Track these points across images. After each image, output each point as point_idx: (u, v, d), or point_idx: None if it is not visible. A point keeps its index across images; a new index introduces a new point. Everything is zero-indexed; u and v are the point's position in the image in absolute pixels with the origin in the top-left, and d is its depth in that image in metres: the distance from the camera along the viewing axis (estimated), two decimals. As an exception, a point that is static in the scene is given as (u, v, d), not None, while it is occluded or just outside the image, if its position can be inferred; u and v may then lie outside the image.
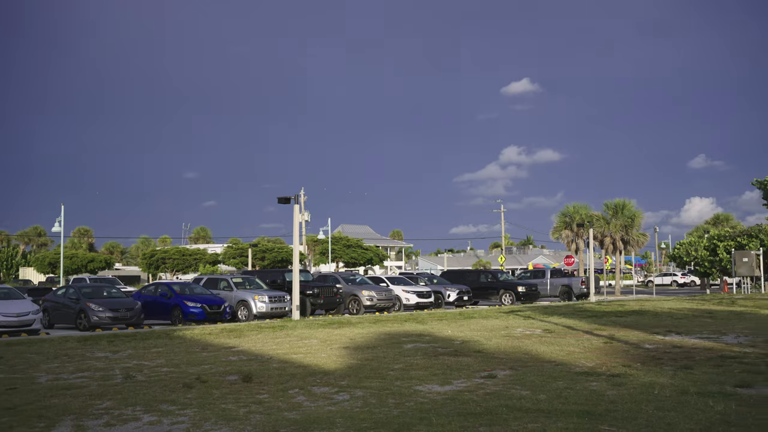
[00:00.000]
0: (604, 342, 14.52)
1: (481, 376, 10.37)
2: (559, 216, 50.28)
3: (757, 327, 17.34)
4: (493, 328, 17.93)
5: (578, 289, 37.42)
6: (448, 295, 31.77)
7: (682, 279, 70.06)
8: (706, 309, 24.89)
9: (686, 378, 9.77)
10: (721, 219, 67.56)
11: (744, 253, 39.68)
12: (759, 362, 11.16)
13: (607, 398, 8.47)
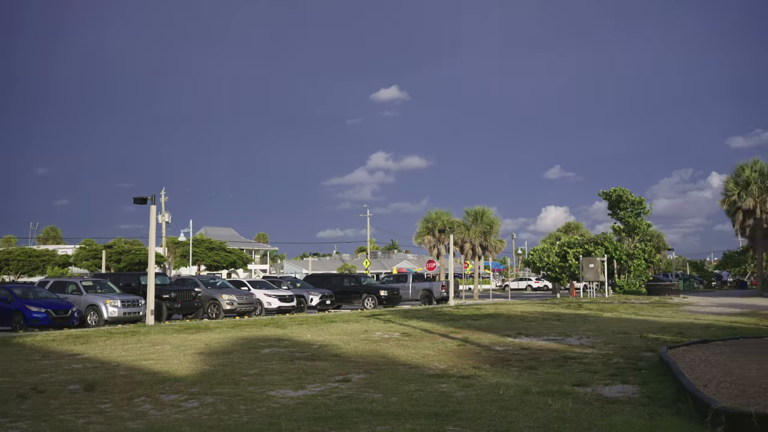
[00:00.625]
0: (458, 345, 14.96)
1: (336, 380, 10.37)
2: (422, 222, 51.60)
3: (598, 329, 18.46)
4: (353, 332, 18.04)
5: (438, 293, 38.45)
6: (311, 299, 31.69)
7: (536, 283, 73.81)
8: (555, 312, 26.29)
9: (530, 378, 10.22)
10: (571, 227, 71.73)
11: (590, 260, 42.30)
12: (596, 362, 11.87)
13: (455, 399, 8.70)
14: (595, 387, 9.47)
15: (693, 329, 18.13)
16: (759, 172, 44.28)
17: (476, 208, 50.45)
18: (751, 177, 44.14)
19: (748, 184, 44.17)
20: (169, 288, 26.82)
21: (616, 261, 46.44)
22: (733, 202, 44.80)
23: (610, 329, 18.36)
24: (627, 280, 46.52)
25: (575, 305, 31.32)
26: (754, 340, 14.15)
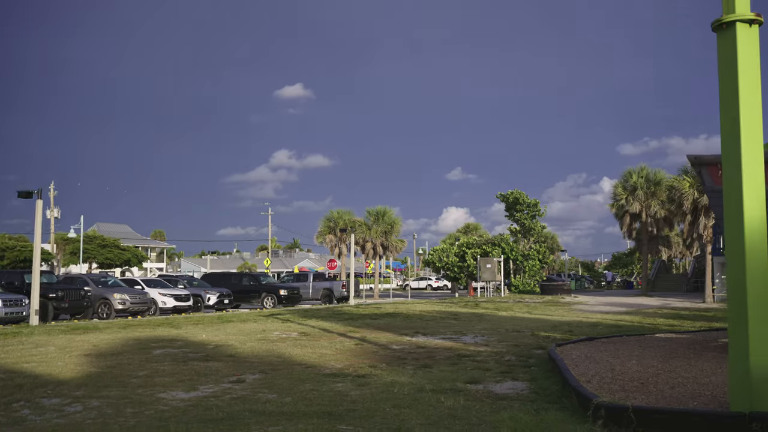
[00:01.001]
0: (356, 344, 14.99)
1: (230, 381, 10.16)
2: (324, 221, 51.52)
3: (493, 327, 18.95)
4: (250, 332, 17.76)
5: (339, 293, 38.49)
6: (209, 298, 31.03)
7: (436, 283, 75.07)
8: (452, 311, 26.81)
9: (424, 376, 10.35)
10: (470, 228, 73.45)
11: (488, 260, 43.41)
12: (489, 360, 12.16)
13: (349, 398, 8.70)
14: (487, 384, 9.68)
15: (582, 327, 18.91)
16: (645, 178, 46.65)
17: (378, 208, 50.85)
18: (638, 182, 46.45)
19: (635, 189, 46.46)
20: (56, 287, 25.58)
21: (513, 261, 47.89)
22: (621, 206, 47.00)
23: (504, 328, 18.87)
24: (522, 280, 48.05)
25: (472, 304, 32.05)
26: (636, 338, 14.89)
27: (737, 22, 6.62)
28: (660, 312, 26.53)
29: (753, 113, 6.63)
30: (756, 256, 6.58)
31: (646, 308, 29.47)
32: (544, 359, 11.92)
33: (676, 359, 11.00)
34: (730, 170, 6.74)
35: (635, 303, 34.53)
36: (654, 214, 45.80)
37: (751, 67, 6.65)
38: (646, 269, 50.61)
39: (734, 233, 6.69)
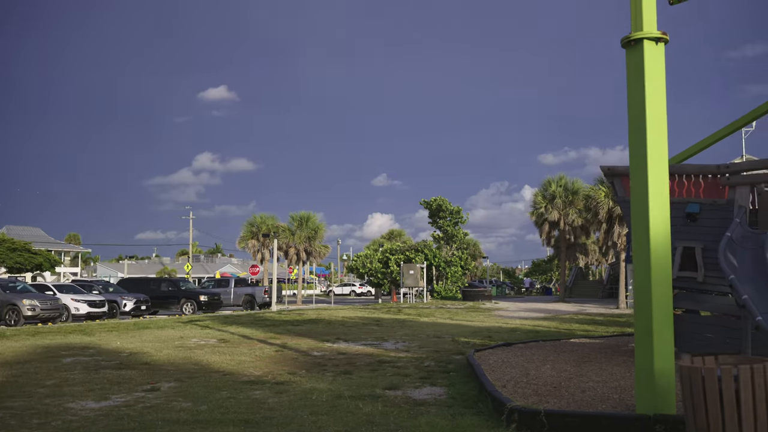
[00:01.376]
0: (276, 350, 14.83)
1: (144, 390, 9.88)
2: (246, 226, 50.83)
3: (414, 333, 19.09)
4: (167, 339, 17.34)
5: (261, 298, 38.05)
6: (125, 304, 30.13)
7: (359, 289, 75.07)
8: (374, 317, 26.87)
9: (344, 383, 10.33)
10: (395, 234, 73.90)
11: (411, 266, 43.76)
12: (409, 366, 12.24)
13: (267, 405, 8.59)
14: (406, 390, 9.74)
15: (501, 333, 19.26)
16: (564, 187, 48.00)
17: (302, 213, 50.56)
18: (557, 191, 47.76)
19: (554, 198, 47.75)
20: (-41, 292, 24.35)
21: (435, 268, 48.43)
22: (541, 214, 48.20)
23: (425, 333, 19.04)
24: (445, 286, 48.64)
25: (395, 310, 32.23)
26: (552, 343, 15.27)
27: (645, 40, 6.91)
28: (576, 318, 27.29)
29: (659, 127, 6.92)
30: (661, 264, 6.87)
31: (563, 314, 30.26)
32: (463, 365, 12.09)
33: (588, 364, 11.34)
34: (637, 182, 7.01)
35: (553, 309, 35.42)
36: (572, 222, 47.15)
37: (657, 83, 6.94)
38: (564, 276, 52.04)
39: (641, 243, 6.95)
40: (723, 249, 10.26)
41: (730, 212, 11.29)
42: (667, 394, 6.76)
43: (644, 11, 6.96)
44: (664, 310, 6.86)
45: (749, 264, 10.36)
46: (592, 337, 17.07)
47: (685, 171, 12.04)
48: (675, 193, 11.99)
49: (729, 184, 11.50)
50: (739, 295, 9.44)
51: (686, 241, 11.66)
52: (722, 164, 11.65)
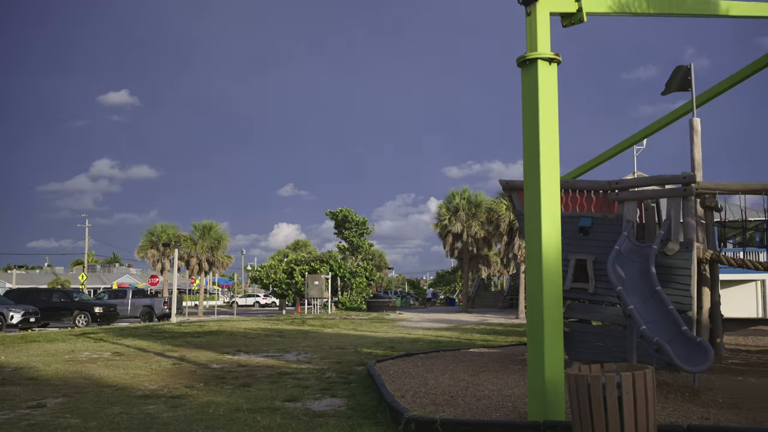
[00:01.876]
0: (173, 363, 14.43)
1: (29, 406, 9.40)
2: (146, 234, 49.28)
3: (317, 344, 19.01)
4: (57, 353, 16.56)
5: (160, 310, 36.94)
6: (12, 316, 28.53)
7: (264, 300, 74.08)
8: (278, 328, 26.58)
9: (243, 396, 10.16)
10: (300, 245, 73.41)
11: (315, 277, 43.58)
12: (310, 377, 12.17)
13: (161, 420, 8.35)
14: (305, 402, 9.68)
15: (403, 343, 19.44)
16: (467, 199, 49.09)
17: (204, 223, 49.50)
18: (461, 204, 48.78)
19: (458, 211, 48.75)
20: None
21: (340, 278, 48.43)
22: (445, 226, 49.09)
23: (328, 345, 18.99)
24: (349, 296, 48.68)
25: (299, 321, 32.01)
26: (452, 353, 15.55)
27: (539, 60, 7.19)
28: (477, 328, 27.90)
29: (551, 143, 7.21)
30: (552, 277, 7.13)
31: (465, 324, 30.86)
32: (364, 375, 12.12)
33: (485, 373, 11.61)
34: (530, 196, 7.27)
35: (455, 319, 36.06)
36: (474, 234, 48.24)
37: (550, 102, 7.23)
38: (466, 287, 53.10)
39: (533, 255, 7.20)
40: (612, 261, 10.76)
41: (619, 226, 11.86)
42: (556, 401, 7.01)
43: (539, 33, 7.25)
44: (555, 321, 7.12)
45: (636, 276, 10.90)
46: (491, 347, 17.49)
47: (579, 186, 12.57)
48: (569, 207, 12.49)
49: (618, 200, 12.08)
50: (626, 305, 9.91)
51: (579, 254, 12.16)
52: (612, 180, 12.23)
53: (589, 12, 7.76)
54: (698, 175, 12.14)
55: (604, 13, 8.07)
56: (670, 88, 12.93)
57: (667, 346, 8.92)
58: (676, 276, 11.32)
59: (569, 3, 7.66)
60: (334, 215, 52.43)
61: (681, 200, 11.69)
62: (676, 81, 12.86)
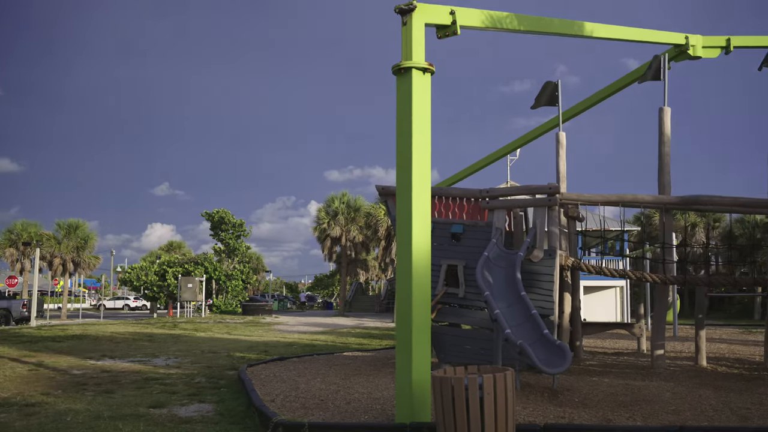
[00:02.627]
0: (30, 369, 13.61)
1: None
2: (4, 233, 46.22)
3: (189, 349, 18.49)
4: None
5: (19, 313, 34.67)
6: None
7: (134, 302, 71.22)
8: (147, 332, 25.65)
9: (104, 402, 9.72)
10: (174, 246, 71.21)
11: (189, 279, 42.41)
12: (179, 382, 11.82)
13: (12, 430, 7.85)
14: (172, 407, 9.39)
15: (278, 347, 19.26)
16: (346, 204, 49.37)
17: (70, 221, 47.00)
18: (340, 208, 48.99)
19: (337, 215, 48.92)
20: None
21: (215, 281, 47.37)
22: (324, 229, 49.13)
23: (200, 349, 18.52)
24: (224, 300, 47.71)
25: (170, 325, 31.03)
26: (326, 357, 15.57)
27: (413, 69, 7.35)
28: (353, 331, 28.07)
29: (423, 150, 7.38)
30: (421, 281, 7.29)
31: (341, 328, 30.98)
32: (235, 380, 11.92)
33: (357, 376, 11.70)
34: (402, 202, 7.41)
35: (332, 323, 36.13)
36: (353, 238, 48.55)
37: (423, 110, 7.41)
38: (344, 291, 53.34)
39: (403, 260, 7.34)
40: (480, 267, 11.14)
41: (488, 233, 12.31)
42: (423, 403, 7.17)
43: (414, 42, 7.42)
44: (423, 325, 7.28)
45: (503, 281, 11.35)
46: (366, 351, 17.65)
47: (451, 194, 12.95)
48: (442, 214, 12.84)
49: (489, 208, 12.55)
50: (493, 310, 10.29)
51: (450, 260, 12.51)
52: (483, 189, 12.69)
53: (463, 25, 8.02)
54: (562, 186, 12.81)
55: (477, 27, 8.36)
56: (539, 102, 13.58)
57: (529, 348, 9.33)
58: (540, 282, 11.88)
59: (444, 16, 7.88)
60: (210, 216, 51.23)
61: (546, 210, 12.29)
62: (545, 96, 13.52)
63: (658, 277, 12.68)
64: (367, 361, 14.59)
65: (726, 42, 14.24)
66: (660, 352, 12.88)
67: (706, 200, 12.20)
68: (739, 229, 40.90)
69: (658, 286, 13.16)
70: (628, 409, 8.40)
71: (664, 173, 12.85)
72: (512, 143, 18.01)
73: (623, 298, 34.70)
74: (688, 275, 13.52)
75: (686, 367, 13.15)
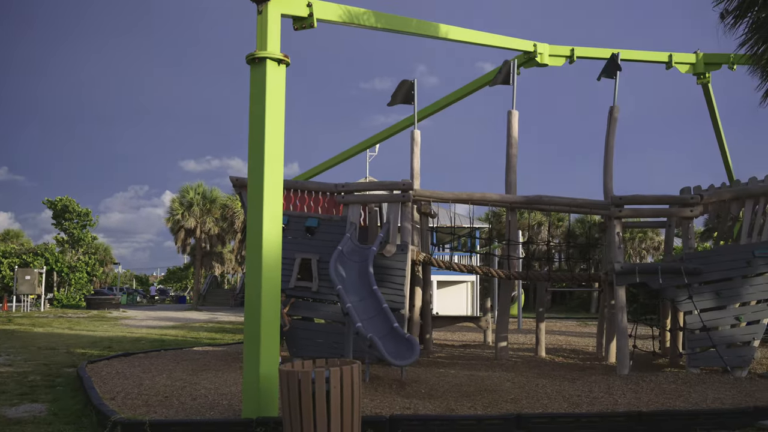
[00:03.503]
0: None
1: None
2: None
3: (24, 345, 17.30)
4: None
5: None
6: None
7: (-37, 296, 65.69)
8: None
9: None
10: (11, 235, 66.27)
11: (27, 271, 39.64)
12: (9, 381, 11.03)
13: None
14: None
15: (123, 343, 18.42)
16: (202, 195, 47.98)
17: None
18: (195, 199, 47.54)
19: (192, 206, 47.46)
20: None
21: (57, 273, 44.59)
22: (177, 221, 47.50)
23: (36, 345, 17.36)
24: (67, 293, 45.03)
25: (4, 320, 28.89)
26: (175, 352, 15.08)
27: (268, 59, 7.24)
28: (206, 326, 27.36)
29: (276, 142, 7.29)
30: (271, 276, 7.21)
31: (193, 322, 30.12)
32: (74, 378, 11.27)
33: (205, 371, 11.41)
34: (254, 195, 7.29)
35: (184, 317, 35.03)
36: (209, 230, 47.30)
37: (278, 102, 7.32)
38: (198, 284, 51.89)
39: (253, 253, 7.22)
40: (334, 261, 11.19)
41: (343, 228, 12.39)
42: (270, 397, 7.10)
43: (269, 33, 7.31)
44: (272, 319, 7.21)
45: (355, 276, 11.46)
46: (217, 345, 17.26)
47: (307, 187, 12.92)
48: (297, 207, 12.78)
49: (344, 202, 12.63)
50: (344, 304, 10.37)
51: (304, 253, 12.47)
52: (339, 183, 12.76)
53: (320, 18, 8.00)
54: (416, 183, 13.12)
55: (334, 21, 8.37)
56: (395, 99, 13.82)
57: (378, 342, 9.47)
58: (392, 276, 12.11)
59: (301, 7, 7.83)
60: (52, 204, 48.13)
61: (400, 206, 12.55)
62: (401, 94, 13.78)
63: (502, 272, 13.30)
64: (218, 356, 14.27)
65: (570, 52, 15.16)
66: (503, 344, 13.52)
67: (547, 200, 12.92)
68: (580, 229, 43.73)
69: (503, 281, 13.81)
70: (471, 399, 8.75)
71: (511, 173, 13.48)
72: (370, 139, 18.27)
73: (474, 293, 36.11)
74: (530, 271, 14.28)
75: (527, 358, 13.90)
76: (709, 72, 16.38)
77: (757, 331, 11.29)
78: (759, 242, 11.53)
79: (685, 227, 12.10)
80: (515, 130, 13.59)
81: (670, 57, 15.91)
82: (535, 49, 14.75)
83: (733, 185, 12.58)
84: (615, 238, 12.01)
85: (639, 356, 13.64)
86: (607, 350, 13.37)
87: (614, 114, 13.09)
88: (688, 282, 11.38)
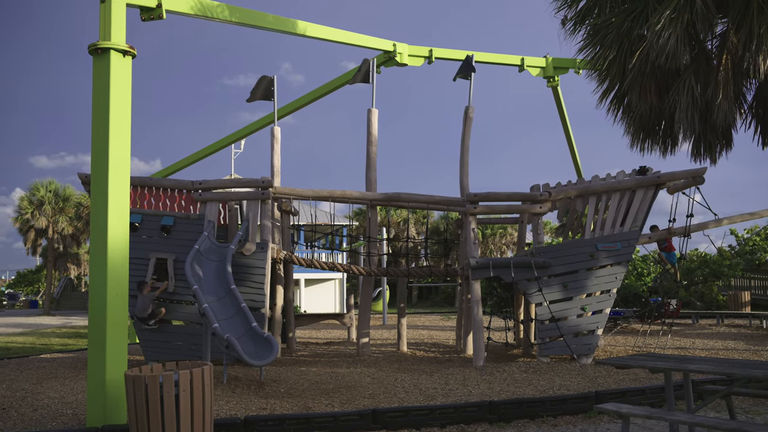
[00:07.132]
0: None
1: None
2: None
3: None
4: None
5: None
6: None
7: None
8: None
9: None
10: None
11: None
12: None
13: None
14: None
15: (-39, 353, 17.05)
16: (54, 192, 45.22)
17: None
18: (46, 197, 44.74)
19: (43, 204, 44.64)
20: None
21: None
22: (27, 220, 44.53)
23: None
24: None
25: None
26: (19, 360, 14.16)
27: (112, 50, 6.91)
28: (58, 331, 25.86)
29: (121, 137, 6.97)
30: (117, 275, 6.89)
31: (44, 328, 28.38)
32: None
33: (51, 380, 10.76)
34: (97, 192, 6.93)
35: (35, 323, 32.93)
36: (62, 230, 44.66)
37: (123, 95, 7.00)
38: (50, 287, 48.87)
39: (98, 253, 6.87)
40: (190, 260, 10.85)
41: (201, 226, 12.05)
42: (117, 404, 6.80)
43: (113, 22, 6.98)
44: (119, 322, 6.89)
45: (213, 275, 11.19)
46: (69, 352, 16.36)
47: (163, 185, 12.47)
48: (152, 205, 12.32)
49: (201, 200, 12.30)
50: (201, 304, 10.08)
51: (160, 252, 12.03)
52: (196, 181, 12.41)
53: (169, 9, 7.73)
54: (276, 181, 12.99)
55: (185, 13, 8.11)
56: (255, 96, 13.61)
57: (236, 342, 9.28)
58: (251, 275, 11.93)
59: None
60: None
61: (259, 203, 12.38)
62: (260, 90, 13.59)
63: (363, 269, 13.44)
64: (67, 363, 13.50)
65: (429, 53, 15.54)
66: (365, 340, 13.67)
67: (406, 197, 13.18)
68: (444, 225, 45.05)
69: (364, 278, 13.95)
70: (329, 396, 8.77)
71: (371, 170, 13.64)
72: (232, 135, 17.92)
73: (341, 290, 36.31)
74: (390, 267, 14.51)
75: (389, 353, 14.11)
76: (558, 75, 17.31)
77: (601, 320, 12.05)
78: (601, 236, 12.29)
79: (535, 223, 12.71)
80: (375, 128, 13.76)
81: (522, 60, 16.68)
82: (395, 49, 15.01)
83: (578, 183, 13.36)
84: (470, 234, 12.42)
85: (494, 348, 14.21)
86: (465, 343, 13.83)
87: (469, 114, 13.55)
88: (538, 275, 11.95)
